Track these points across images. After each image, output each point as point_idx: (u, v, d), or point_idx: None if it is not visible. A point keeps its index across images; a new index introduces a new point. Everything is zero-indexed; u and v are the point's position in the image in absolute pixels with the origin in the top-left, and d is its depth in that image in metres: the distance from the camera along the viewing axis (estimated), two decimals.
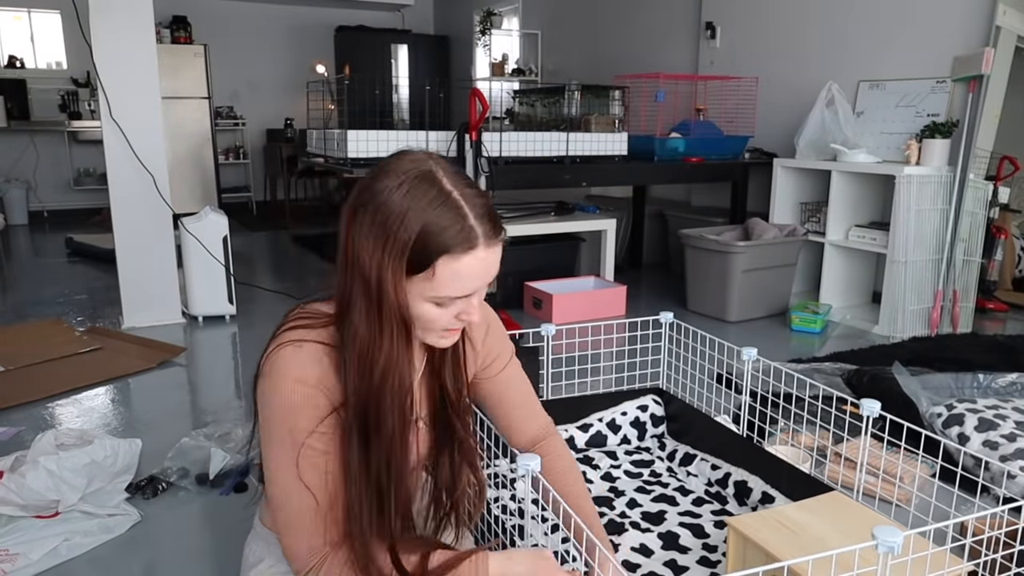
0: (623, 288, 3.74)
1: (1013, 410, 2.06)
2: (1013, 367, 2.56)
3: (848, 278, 3.74)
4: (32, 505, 1.65)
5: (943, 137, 3.31)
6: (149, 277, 3.41)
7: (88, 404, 2.54)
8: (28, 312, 3.71)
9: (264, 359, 0.97)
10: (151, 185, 3.30)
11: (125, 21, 3.19)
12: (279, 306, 3.86)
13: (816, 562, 0.96)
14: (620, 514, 1.57)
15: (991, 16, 3.30)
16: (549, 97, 4.47)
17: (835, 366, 2.78)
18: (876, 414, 1.47)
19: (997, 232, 3.63)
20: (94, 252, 5.01)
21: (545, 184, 3.88)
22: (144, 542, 1.71)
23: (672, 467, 1.80)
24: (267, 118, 7.81)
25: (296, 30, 7.96)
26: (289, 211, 7.18)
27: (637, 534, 1.49)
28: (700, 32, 4.90)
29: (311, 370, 0.94)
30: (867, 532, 0.92)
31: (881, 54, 3.80)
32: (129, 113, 3.23)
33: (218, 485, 1.93)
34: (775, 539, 1.15)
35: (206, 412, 2.49)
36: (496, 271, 0.96)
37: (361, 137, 3.40)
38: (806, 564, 0.99)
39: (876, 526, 0.91)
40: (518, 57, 7.11)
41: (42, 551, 1.60)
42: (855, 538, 1.01)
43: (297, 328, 0.97)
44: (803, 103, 3.95)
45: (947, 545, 1.03)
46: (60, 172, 7.09)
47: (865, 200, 3.69)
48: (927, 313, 3.34)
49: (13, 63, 6.83)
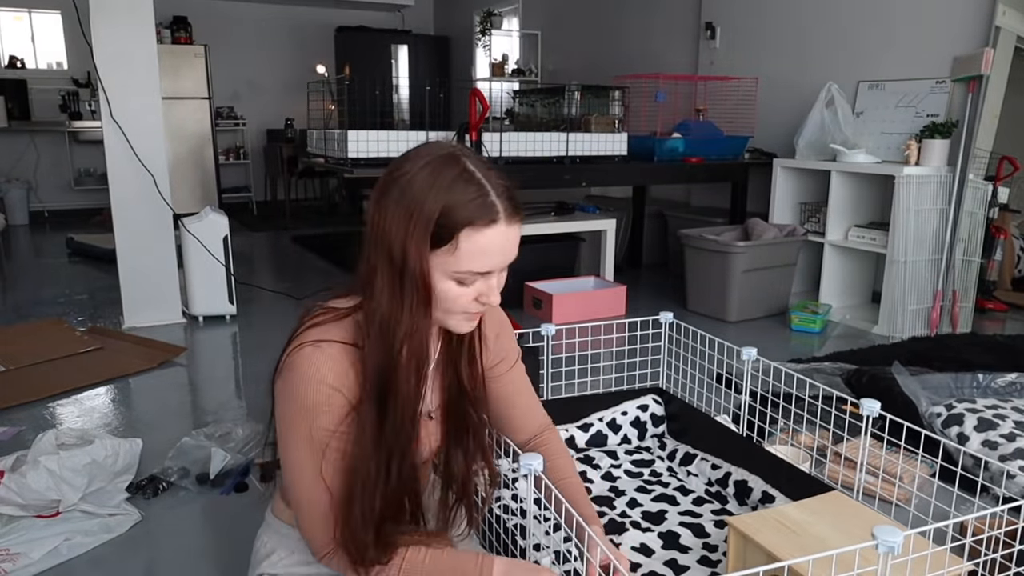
0: (623, 288, 3.75)
1: (1012, 410, 2.07)
2: (1012, 367, 2.56)
3: (848, 278, 3.75)
4: (33, 505, 1.65)
5: (943, 137, 3.32)
6: (150, 277, 3.42)
7: (89, 404, 2.55)
8: (29, 312, 3.72)
9: (284, 358, 1.00)
10: (151, 185, 3.30)
11: (126, 21, 3.20)
12: (279, 306, 3.87)
13: (816, 561, 0.96)
14: (621, 514, 1.57)
15: (991, 17, 3.31)
16: (549, 97, 4.48)
17: (835, 366, 2.78)
18: (876, 414, 1.48)
19: (996, 232, 3.64)
20: (95, 252, 5.02)
21: (545, 184, 3.89)
22: (145, 542, 1.72)
23: (672, 467, 1.80)
24: (267, 118, 7.82)
25: (296, 30, 7.97)
26: (289, 211, 7.19)
27: (638, 533, 1.49)
28: (700, 33, 4.91)
29: (330, 370, 0.97)
30: (867, 532, 0.92)
31: (881, 54, 3.81)
32: (130, 113, 3.24)
33: (218, 485, 1.94)
34: (776, 539, 1.15)
35: (206, 412, 2.49)
36: (515, 253, 0.99)
37: (361, 137, 3.40)
38: (807, 564, 0.99)
39: (876, 526, 0.91)
40: (518, 57, 7.12)
41: (43, 550, 1.61)
42: (856, 538, 1.02)
43: (316, 327, 0.99)
44: (803, 103, 3.96)
45: (947, 545, 1.04)
46: (61, 172, 7.10)
47: (865, 200, 3.70)
48: (927, 313, 3.35)
49: (14, 63, 6.84)
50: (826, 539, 1.15)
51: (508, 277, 1.02)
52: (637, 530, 1.50)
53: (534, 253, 3.91)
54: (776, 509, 1.27)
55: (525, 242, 3.52)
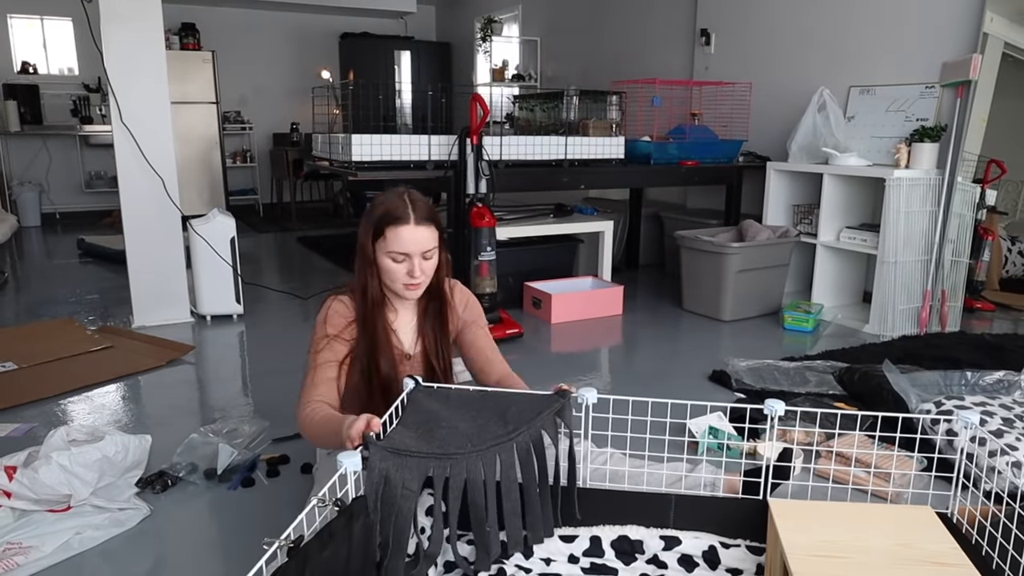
0: (620, 288, 3.79)
1: (1000, 407, 2.10)
2: (1000, 365, 2.60)
3: (839, 278, 3.79)
4: (45, 499, 1.68)
5: (932, 141, 3.36)
6: (158, 277, 3.46)
7: (99, 401, 2.58)
8: (41, 311, 3.76)
9: (320, 305, 1.71)
10: (160, 188, 3.35)
11: (135, 28, 3.24)
12: (285, 305, 3.93)
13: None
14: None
15: (978, 23, 3.36)
16: (548, 102, 4.51)
17: (827, 364, 2.82)
18: (781, 413, 1.42)
19: (984, 233, 3.67)
20: (105, 253, 5.07)
21: (544, 187, 3.91)
22: (154, 535, 1.74)
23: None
24: (273, 122, 7.90)
25: (302, 37, 8.04)
26: (295, 213, 7.28)
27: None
28: (695, 39, 4.97)
29: (340, 307, 1.68)
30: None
31: (872, 60, 3.85)
32: (139, 118, 3.28)
33: (226, 480, 1.97)
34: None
35: (214, 409, 2.53)
36: (426, 247, 1.60)
37: (365, 141, 3.42)
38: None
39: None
40: (518, 63, 7.17)
41: (54, 544, 1.62)
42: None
43: (337, 292, 1.72)
44: (795, 108, 4.01)
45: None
46: (72, 175, 7.18)
47: (856, 202, 3.74)
48: (916, 312, 3.39)
49: (26, 69, 6.93)
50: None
51: (508, 277, 1.20)
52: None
53: (533, 254, 3.95)
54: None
55: (525, 243, 3.66)
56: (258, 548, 1.25)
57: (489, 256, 3.29)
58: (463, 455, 1.32)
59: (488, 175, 3.44)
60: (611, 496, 1.53)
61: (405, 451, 1.26)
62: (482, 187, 3.45)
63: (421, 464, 1.27)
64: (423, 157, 3.55)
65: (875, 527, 1.28)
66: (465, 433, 1.37)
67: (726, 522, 1.49)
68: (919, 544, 1.23)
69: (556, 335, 3.44)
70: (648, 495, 1.53)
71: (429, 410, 1.43)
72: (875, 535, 1.25)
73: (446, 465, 1.30)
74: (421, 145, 3.53)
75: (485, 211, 3.32)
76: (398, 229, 1.57)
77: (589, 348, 3.30)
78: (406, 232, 1.57)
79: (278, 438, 2.24)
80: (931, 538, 1.25)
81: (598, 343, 3.36)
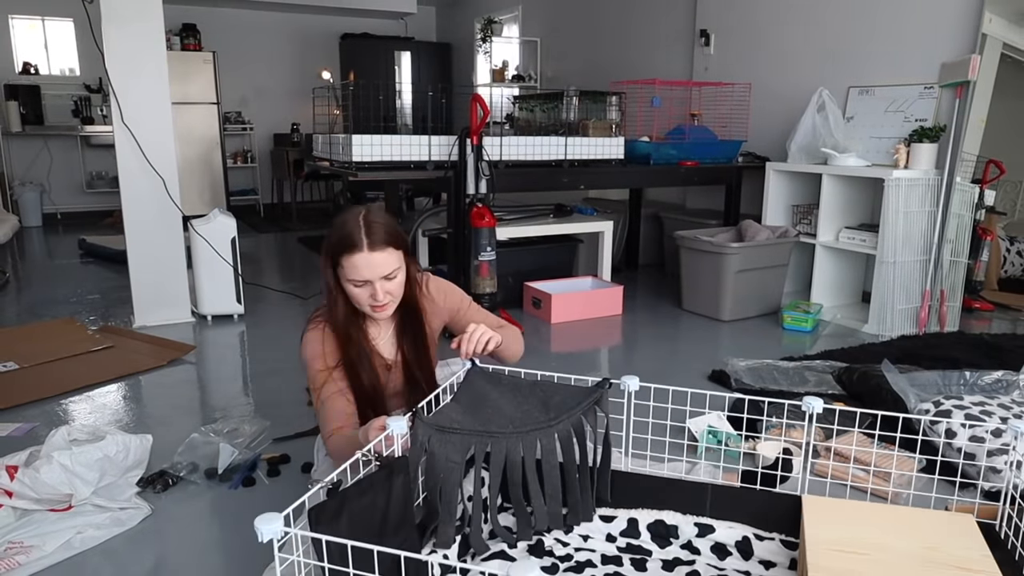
0: (620, 288, 3.80)
1: (998, 406, 2.10)
2: (998, 365, 2.60)
3: (838, 278, 3.80)
4: (46, 499, 1.68)
5: (931, 141, 3.37)
6: (159, 277, 3.47)
7: (100, 401, 2.59)
8: (42, 311, 3.77)
9: (303, 334, 1.68)
10: (161, 188, 3.36)
11: (136, 29, 3.25)
12: (286, 305, 3.95)
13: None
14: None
15: (977, 24, 3.36)
16: (548, 102, 4.52)
17: (826, 364, 2.83)
18: (819, 410, 1.46)
19: (983, 234, 3.67)
20: (106, 253, 5.08)
21: (544, 187, 3.92)
22: (155, 535, 1.75)
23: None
24: (274, 123, 7.92)
25: (302, 38, 8.06)
26: (295, 213, 7.30)
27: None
28: (695, 40, 4.98)
29: (318, 336, 1.66)
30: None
31: (871, 61, 3.86)
32: (140, 118, 3.29)
33: (226, 479, 1.98)
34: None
35: (215, 408, 2.54)
36: (385, 271, 1.56)
37: (365, 141, 3.43)
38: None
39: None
40: (518, 64, 7.18)
41: (56, 543, 1.63)
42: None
43: (316, 319, 1.69)
44: (795, 108, 4.01)
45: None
46: (73, 175, 7.20)
47: (855, 203, 3.75)
48: (915, 312, 3.40)
49: (28, 70, 6.94)
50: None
51: (508, 277, 1.21)
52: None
53: (533, 254, 3.96)
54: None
55: (525, 243, 3.68)
56: (259, 547, 1.28)
57: (489, 256, 3.30)
58: (504, 435, 1.41)
59: (488, 175, 3.45)
60: (650, 481, 1.61)
61: (448, 428, 1.37)
62: (482, 187, 3.46)
63: (464, 440, 1.37)
64: (423, 157, 3.56)
65: (907, 529, 1.28)
66: (508, 415, 1.48)
67: (761, 515, 1.53)
68: (947, 548, 1.23)
69: (556, 335, 3.45)
70: (686, 483, 1.60)
71: (480, 390, 1.56)
72: (904, 536, 1.25)
73: (487, 442, 1.40)
74: (421, 145, 3.54)
75: (485, 211, 3.33)
76: (352, 257, 1.53)
77: (589, 348, 3.30)
78: (360, 260, 1.53)
79: (279, 438, 2.25)
80: (962, 544, 1.24)
81: (598, 343, 3.37)
